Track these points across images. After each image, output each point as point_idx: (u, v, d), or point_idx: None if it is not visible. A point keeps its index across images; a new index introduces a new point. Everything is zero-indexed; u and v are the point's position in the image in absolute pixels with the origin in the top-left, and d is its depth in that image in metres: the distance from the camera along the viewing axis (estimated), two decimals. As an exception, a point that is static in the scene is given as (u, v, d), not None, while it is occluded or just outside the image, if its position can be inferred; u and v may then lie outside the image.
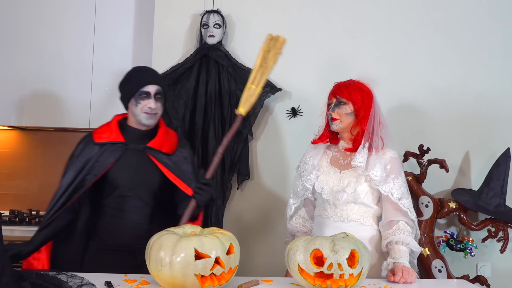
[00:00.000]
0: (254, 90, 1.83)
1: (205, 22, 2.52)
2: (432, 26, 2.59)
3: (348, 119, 1.81)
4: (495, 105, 2.56)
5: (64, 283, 1.34)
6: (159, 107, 1.86)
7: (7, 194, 3.06)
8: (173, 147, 1.90)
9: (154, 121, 1.87)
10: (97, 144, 1.84)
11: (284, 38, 1.85)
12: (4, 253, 1.31)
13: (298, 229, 1.97)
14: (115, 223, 1.83)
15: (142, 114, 1.83)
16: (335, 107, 1.81)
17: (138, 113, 1.84)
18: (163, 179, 1.86)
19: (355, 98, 1.80)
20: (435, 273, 2.28)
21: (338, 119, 1.81)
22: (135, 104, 1.84)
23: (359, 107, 1.79)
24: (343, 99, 1.80)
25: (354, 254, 1.35)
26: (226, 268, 1.34)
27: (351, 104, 1.80)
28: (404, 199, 1.75)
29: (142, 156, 1.85)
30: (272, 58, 1.83)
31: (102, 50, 2.79)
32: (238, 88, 2.49)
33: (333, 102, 1.83)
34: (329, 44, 2.58)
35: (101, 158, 1.82)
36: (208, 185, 1.76)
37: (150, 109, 1.82)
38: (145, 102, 1.82)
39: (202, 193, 1.75)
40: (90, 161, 1.81)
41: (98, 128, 1.91)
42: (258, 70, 1.83)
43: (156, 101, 1.84)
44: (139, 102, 1.82)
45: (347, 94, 1.80)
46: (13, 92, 2.78)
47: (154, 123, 1.88)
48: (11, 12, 2.82)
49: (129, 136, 1.87)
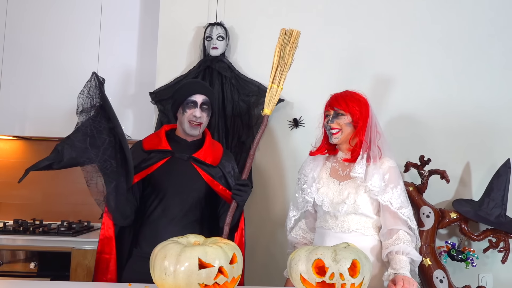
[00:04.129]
0: (276, 89, 1.80)
1: (208, 35, 2.55)
2: (432, 37, 2.62)
3: (347, 130, 1.82)
4: (495, 116, 2.58)
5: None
6: (204, 117, 1.92)
7: (11, 203, 3.08)
8: (218, 159, 1.96)
9: (198, 131, 1.93)
10: (145, 152, 1.91)
11: (299, 31, 1.81)
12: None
13: (298, 241, 1.97)
14: (155, 233, 1.85)
15: (187, 124, 1.90)
16: (334, 118, 1.83)
17: (184, 121, 1.91)
18: (207, 189, 1.91)
19: (353, 109, 1.81)
20: (437, 284, 2.28)
21: (339, 131, 1.82)
22: (182, 113, 1.92)
23: (357, 118, 1.81)
24: (341, 111, 1.82)
25: (356, 264, 1.35)
26: (229, 277, 1.35)
27: (349, 115, 1.81)
28: (404, 208, 1.75)
29: (187, 166, 1.91)
30: (289, 53, 1.79)
31: (107, 62, 2.83)
32: (241, 99, 2.52)
33: (330, 114, 1.84)
34: (331, 55, 2.61)
35: (147, 162, 1.88)
36: (245, 185, 1.79)
37: (195, 117, 1.89)
38: (191, 111, 1.89)
39: (241, 193, 1.77)
40: (137, 163, 1.87)
41: (147, 137, 2.00)
42: (277, 68, 1.79)
43: (202, 111, 1.91)
44: (186, 110, 1.90)
45: (344, 105, 1.81)
46: (17, 102, 2.81)
47: (197, 133, 1.94)
48: (15, 24, 2.86)
49: (176, 146, 1.93)
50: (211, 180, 1.91)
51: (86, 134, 1.63)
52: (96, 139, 1.63)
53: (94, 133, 1.63)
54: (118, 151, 1.67)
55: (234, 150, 2.48)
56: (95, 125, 1.63)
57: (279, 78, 1.79)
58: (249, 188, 1.81)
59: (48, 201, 3.09)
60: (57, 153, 1.62)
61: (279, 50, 1.79)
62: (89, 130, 1.63)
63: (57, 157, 1.61)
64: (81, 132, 1.63)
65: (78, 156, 1.61)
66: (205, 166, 1.92)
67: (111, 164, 1.65)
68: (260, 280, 2.44)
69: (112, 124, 1.66)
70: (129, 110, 2.79)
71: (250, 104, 2.52)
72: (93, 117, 1.64)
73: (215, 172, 1.94)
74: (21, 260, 2.46)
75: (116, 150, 1.67)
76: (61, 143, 1.63)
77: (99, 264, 1.82)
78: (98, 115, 1.65)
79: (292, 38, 1.79)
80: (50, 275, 2.42)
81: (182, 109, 1.91)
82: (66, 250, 2.46)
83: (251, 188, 1.84)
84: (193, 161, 1.91)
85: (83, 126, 1.64)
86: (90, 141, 1.62)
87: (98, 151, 1.63)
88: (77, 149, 1.61)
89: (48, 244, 2.48)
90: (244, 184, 1.78)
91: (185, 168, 1.90)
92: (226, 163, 2.00)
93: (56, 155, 1.61)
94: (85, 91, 1.66)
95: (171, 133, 2.00)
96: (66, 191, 3.07)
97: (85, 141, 1.62)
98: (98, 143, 1.63)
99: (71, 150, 1.61)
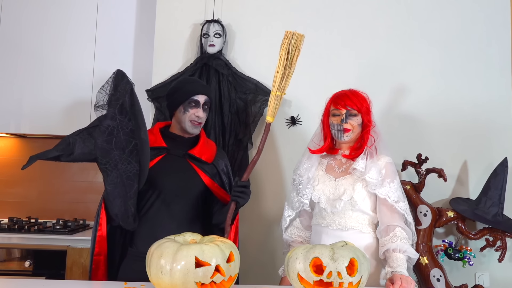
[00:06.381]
0: (280, 96, 1.75)
1: (205, 32, 2.54)
2: (430, 36, 2.61)
3: (358, 130, 1.85)
4: (492, 115, 2.58)
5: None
6: (204, 117, 1.94)
7: (6, 201, 3.06)
8: (212, 156, 1.97)
9: (198, 130, 1.95)
10: None
11: (303, 35, 1.72)
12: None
13: (294, 239, 1.97)
14: (151, 231, 1.83)
15: (188, 123, 1.91)
16: (347, 118, 1.82)
17: (184, 120, 1.91)
18: (202, 186, 1.91)
19: (364, 108, 1.83)
20: (434, 282, 2.28)
21: (351, 130, 1.83)
22: (183, 112, 1.91)
23: (367, 118, 1.84)
24: (354, 111, 1.82)
25: (353, 263, 1.35)
26: (226, 276, 1.34)
27: (361, 115, 1.83)
28: (401, 202, 1.77)
29: (182, 163, 1.91)
30: (295, 59, 1.73)
31: (103, 59, 2.81)
32: (238, 96, 2.51)
33: (342, 113, 1.83)
34: (328, 54, 2.60)
35: None
36: (246, 187, 1.78)
37: (198, 117, 1.90)
38: (193, 111, 1.90)
39: (242, 195, 1.77)
40: None
41: None
42: (282, 75, 1.72)
43: (203, 111, 1.93)
44: (188, 110, 1.90)
45: (359, 105, 1.82)
46: (13, 99, 2.80)
47: (197, 132, 1.96)
48: (10, 20, 2.84)
49: (171, 143, 1.93)
50: (206, 177, 1.91)
51: (111, 134, 1.60)
52: (122, 140, 1.61)
53: (120, 134, 1.61)
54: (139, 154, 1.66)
55: (231, 148, 2.47)
56: (122, 126, 1.61)
57: (284, 86, 1.74)
58: (249, 190, 1.81)
59: (43, 199, 3.07)
60: (67, 145, 1.59)
61: (285, 56, 1.70)
62: (115, 130, 1.61)
63: (67, 149, 1.59)
64: (106, 132, 1.60)
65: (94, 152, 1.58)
66: (200, 163, 1.92)
67: (134, 167, 1.64)
68: (255, 278, 2.43)
69: (137, 127, 1.65)
70: (125, 108, 2.77)
71: (247, 102, 2.51)
72: (120, 117, 1.62)
73: (209, 169, 1.94)
74: (16, 259, 2.45)
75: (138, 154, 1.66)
76: (72, 136, 1.60)
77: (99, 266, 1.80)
78: (125, 116, 1.63)
79: (297, 42, 1.72)
80: (45, 273, 2.41)
81: (184, 108, 1.91)
82: (62, 248, 2.45)
83: (250, 191, 1.83)
84: (189, 157, 1.91)
85: (109, 126, 1.61)
86: (116, 142, 1.60)
87: (123, 153, 1.61)
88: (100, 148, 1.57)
89: (44, 243, 2.47)
90: (245, 186, 1.77)
91: (181, 165, 1.90)
92: (220, 160, 2.00)
93: (66, 147, 1.59)
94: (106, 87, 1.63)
95: (165, 130, 1.99)
96: (62, 189, 3.06)
97: (110, 142, 1.59)
98: (123, 145, 1.61)
99: (84, 145, 1.58)
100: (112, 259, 1.87)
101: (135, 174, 1.66)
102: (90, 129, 1.62)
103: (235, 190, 1.76)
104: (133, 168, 1.64)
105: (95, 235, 1.81)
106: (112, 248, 1.87)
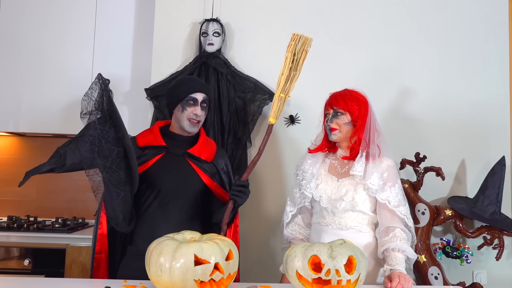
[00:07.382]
0: (284, 98, 1.73)
1: (204, 31, 2.54)
2: (428, 35, 2.62)
3: (346, 129, 1.83)
4: (490, 113, 2.59)
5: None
6: (203, 115, 1.93)
7: (5, 200, 3.06)
8: (212, 155, 1.97)
9: (197, 129, 1.94)
10: (139, 148, 1.90)
11: (311, 38, 1.69)
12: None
13: (294, 236, 1.97)
14: (150, 229, 1.83)
15: (186, 121, 1.91)
16: (333, 117, 1.83)
17: (183, 119, 1.91)
18: (202, 185, 1.91)
19: (352, 108, 1.81)
20: (432, 280, 2.29)
21: (337, 129, 1.83)
22: (181, 110, 1.91)
23: (356, 117, 1.81)
24: (340, 110, 1.82)
25: (352, 260, 1.36)
26: (225, 274, 1.35)
27: (348, 114, 1.82)
28: (401, 206, 1.77)
29: (182, 162, 1.90)
30: (301, 62, 1.70)
31: (102, 58, 2.81)
32: (237, 95, 2.52)
33: (330, 113, 1.85)
34: (327, 52, 2.60)
35: (142, 158, 1.87)
36: (245, 186, 1.78)
37: (196, 115, 1.90)
38: (191, 109, 1.90)
39: (241, 194, 1.77)
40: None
41: (141, 133, 1.99)
42: (287, 77, 1.70)
43: (202, 109, 1.92)
44: (186, 108, 1.90)
45: (343, 104, 1.82)
46: (11, 98, 2.79)
47: (196, 131, 1.95)
48: (12, 20, 2.84)
49: (170, 141, 1.93)
50: (205, 176, 1.91)
51: (93, 144, 1.61)
52: (104, 149, 1.62)
53: (102, 143, 1.61)
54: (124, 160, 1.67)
55: (230, 146, 2.48)
56: (103, 135, 1.62)
57: (288, 88, 1.72)
58: (248, 190, 1.81)
59: (42, 198, 3.07)
60: (59, 157, 1.61)
61: (291, 58, 1.67)
62: (97, 140, 1.62)
63: (59, 161, 1.61)
64: (88, 142, 1.61)
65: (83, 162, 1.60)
66: (200, 162, 1.92)
67: (119, 175, 1.64)
68: (256, 276, 2.44)
69: (120, 134, 1.65)
70: (124, 107, 2.77)
71: (246, 101, 2.52)
72: (101, 126, 1.62)
73: (209, 168, 1.94)
74: (15, 257, 2.45)
75: (123, 160, 1.67)
76: (63, 147, 1.62)
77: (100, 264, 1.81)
78: (106, 124, 1.64)
79: (305, 46, 1.68)
80: (45, 272, 2.41)
81: (182, 106, 1.91)
82: (61, 247, 2.45)
83: (249, 191, 1.83)
84: (188, 156, 1.91)
85: (91, 136, 1.62)
86: (98, 151, 1.61)
87: (106, 162, 1.62)
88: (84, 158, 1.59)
89: (43, 241, 2.47)
90: (244, 185, 1.78)
91: (180, 164, 1.90)
92: (220, 159, 2.00)
93: (58, 159, 1.61)
94: (90, 93, 1.64)
95: (165, 129, 1.99)
96: (61, 187, 3.06)
97: (92, 151, 1.61)
98: (106, 153, 1.62)
99: (74, 155, 1.60)
100: (113, 257, 1.88)
101: (121, 182, 1.66)
102: (79, 138, 1.64)
103: (234, 189, 1.77)
104: (118, 176, 1.65)
105: (96, 233, 1.82)
106: (113, 246, 1.88)
